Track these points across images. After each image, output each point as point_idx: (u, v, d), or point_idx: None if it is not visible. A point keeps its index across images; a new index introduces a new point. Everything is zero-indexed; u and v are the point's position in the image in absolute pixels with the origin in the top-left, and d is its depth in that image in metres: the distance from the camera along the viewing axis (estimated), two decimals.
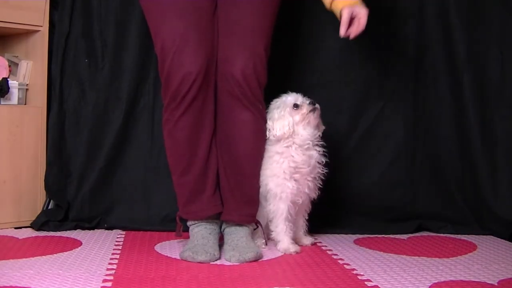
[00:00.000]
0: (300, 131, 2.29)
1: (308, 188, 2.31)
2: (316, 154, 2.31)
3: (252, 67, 2.13)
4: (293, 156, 2.27)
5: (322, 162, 2.33)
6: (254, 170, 2.26)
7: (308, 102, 2.30)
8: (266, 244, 2.33)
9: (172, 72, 2.10)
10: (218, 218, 2.27)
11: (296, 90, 2.35)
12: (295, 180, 2.27)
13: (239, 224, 2.24)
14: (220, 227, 2.28)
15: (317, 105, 2.31)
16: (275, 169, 2.27)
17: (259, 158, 2.26)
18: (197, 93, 2.11)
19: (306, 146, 2.29)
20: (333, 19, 2.74)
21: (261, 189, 2.29)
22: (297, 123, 2.28)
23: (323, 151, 2.34)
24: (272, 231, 2.30)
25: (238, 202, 2.24)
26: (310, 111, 2.29)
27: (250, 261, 2.09)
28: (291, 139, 2.28)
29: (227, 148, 2.21)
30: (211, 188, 2.22)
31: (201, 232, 2.20)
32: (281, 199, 2.27)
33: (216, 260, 2.11)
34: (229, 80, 2.15)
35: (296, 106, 2.29)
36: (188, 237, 2.25)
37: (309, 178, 2.30)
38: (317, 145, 2.33)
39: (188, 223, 2.26)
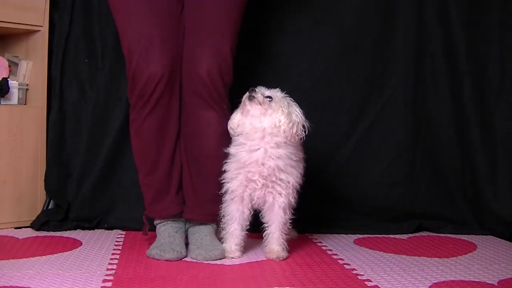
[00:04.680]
0: (240, 121, 2.15)
1: (261, 196, 2.14)
2: (262, 156, 2.09)
3: (217, 66, 2.14)
4: (239, 157, 2.12)
5: (280, 168, 2.10)
6: (217, 169, 2.22)
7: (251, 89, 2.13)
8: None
9: (138, 72, 2.12)
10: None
11: (296, 90, 2.34)
12: (246, 181, 2.13)
13: (203, 223, 2.26)
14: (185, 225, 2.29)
15: (257, 94, 2.11)
16: (226, 168, 2.18)
17: (222, 157, 2.21)
18: (163, 93, 2.14)
19: (253, 145, 2.10)
20: (333, 19, 2.76)
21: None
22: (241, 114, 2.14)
23: (288, 156, 2.11)
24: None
25: (201, 201, 2.25)
26: (247, 98, 2.13)
27: (217, 259, 2.11)
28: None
29: (192, 147, 2.22)
30: (175, 187, 2.25)
31: (167, 231, 2.22)
32: (226, 200, 2.18)
33: (183, 258, 2.13)
34: (194, 80, 2.16)
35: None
36: (155, 236, 2.26)
37: (258, 183, 2.12)
38: (280, 147, 2.10)
39: (155, 222, 2.29)
